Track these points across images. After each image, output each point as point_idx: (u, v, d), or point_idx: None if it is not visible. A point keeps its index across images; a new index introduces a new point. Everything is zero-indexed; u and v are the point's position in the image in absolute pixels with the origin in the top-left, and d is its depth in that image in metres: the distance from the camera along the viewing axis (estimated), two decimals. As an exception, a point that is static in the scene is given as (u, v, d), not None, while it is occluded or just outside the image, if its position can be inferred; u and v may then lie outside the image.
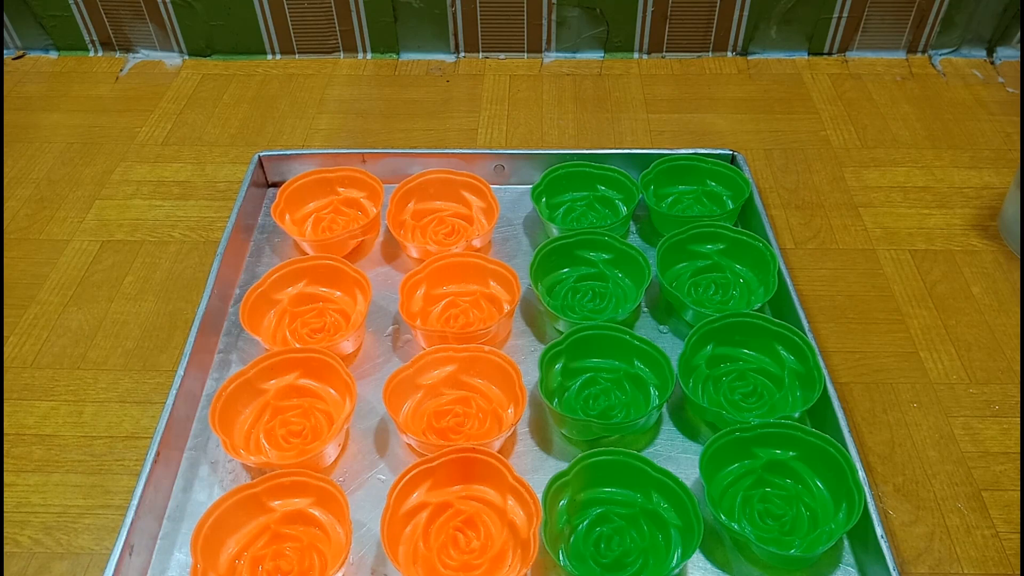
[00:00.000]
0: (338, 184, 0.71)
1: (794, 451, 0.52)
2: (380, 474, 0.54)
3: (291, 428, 0.55)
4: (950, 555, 0.50)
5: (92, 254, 0.71)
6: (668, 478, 0.49)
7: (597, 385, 0.57)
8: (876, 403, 0.59)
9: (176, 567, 0.50)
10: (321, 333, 0.60)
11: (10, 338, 0.64)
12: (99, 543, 0.52)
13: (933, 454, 0.55)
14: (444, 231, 0.68)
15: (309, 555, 0.48)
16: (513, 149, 0.78)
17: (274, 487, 0.50)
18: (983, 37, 0.92)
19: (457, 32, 0.93)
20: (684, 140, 0.82)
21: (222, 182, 0.78)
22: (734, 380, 0.57)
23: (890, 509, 0.53)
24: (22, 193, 0.77)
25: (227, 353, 0.62)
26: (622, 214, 0.69)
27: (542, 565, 0.49)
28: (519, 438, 0.56)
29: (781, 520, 0.49)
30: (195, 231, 0.73)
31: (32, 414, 0.59)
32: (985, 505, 0.53)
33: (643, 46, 0.94)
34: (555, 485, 0.50)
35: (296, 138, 0.83)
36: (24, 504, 0.54)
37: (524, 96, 0.89)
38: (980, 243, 0.70)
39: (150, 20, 0.93)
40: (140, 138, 0.84)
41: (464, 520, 0.49)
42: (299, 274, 0.63)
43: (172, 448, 0.54)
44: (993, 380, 0.60)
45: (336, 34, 0.93)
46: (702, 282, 0.64)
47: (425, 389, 0.57)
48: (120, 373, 0.61)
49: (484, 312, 0.61)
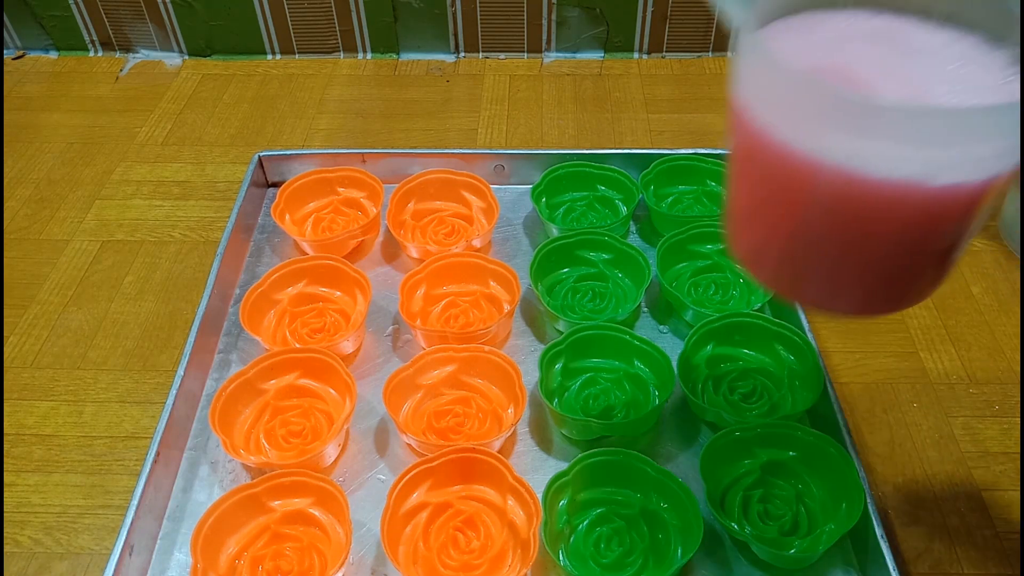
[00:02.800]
0: (338, 184, 0.71)
1: (794, 451, 0.52)
2: (380, 474, 0.54)
3: (291, 428, 0.55)
4: (950, 555, 0.50)
5: (92, 254, 0.71)
6: (668, 478, 0.49)
7: (597, 385, 0.57)
8: (876, 403, 0.59)
9: (176, 567, 0.50)
10: (321, 333, 0.60)
11: (10, 338, 0.64)
12: (99, 543, 0.52)
13: (933, 454, 0.55)
14: (444, 231, 0.68)
15: (309, 555, 0.48)
16: (513, 149, 0.78)
17: (274, 487, 0.50)
18: (983, 37, 0.92)
19: (457, 32, 0.93)
20: (684, 140, 0.82)
21: (222, 182, 0.78)
22: (734, 380, 0.57)
23: (890, 509, 0.53)
24: (22, 193, 0.77)
25: (227, 353, 0.62)
26: (622, 214, 0.69)
27: (542, 565, 0.49)
28: (519, 438, 0.56)
29: (781, 520, 0.49)
30: (195, 231, 0.73)
31: (32, 414, 0.59)
32: (985, 505, 0.53)
33: (643, 46, 0.94)
34: (555, 485, 0.50)
35: (296, 138, 0.83)
36: (24, 504, 0.54)
37: (524, 96, 0.89)
38: (980, 243, 0.70)
39: (150, 20, 0.93)
40: (140, 138, 0.84)
41: (464, 520, 0.49)
42: (299, 274, 0.63)
43: (172, 448, 0.54)
44: (993, 380, 0.60)
45: (336, 34, 0.93)
46: (702, 282, 0.64)
47: (425, 389, 0.57)
48: (120, 373, 0.61)
49: (484, 312, 0.61)
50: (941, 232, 0.34)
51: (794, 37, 0.37)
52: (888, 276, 0.36)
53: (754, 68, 0.34)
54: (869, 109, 0.30)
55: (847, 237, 0.35)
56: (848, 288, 0.37)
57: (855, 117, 0.30)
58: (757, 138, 0.34)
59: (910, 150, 0.31)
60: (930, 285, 0.37)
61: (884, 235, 0.34)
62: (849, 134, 0.31)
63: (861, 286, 0.37)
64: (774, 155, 0.33)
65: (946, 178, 0.31)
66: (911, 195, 0.31)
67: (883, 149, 0.31)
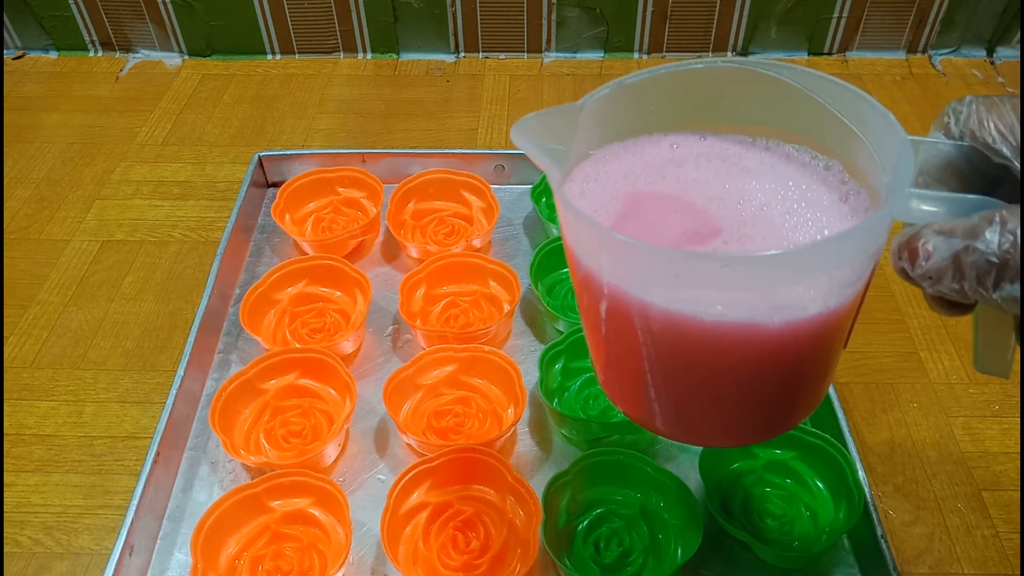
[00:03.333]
0: (338, 184, 0.71)
1: (794, 451, 0.52)
2: (380, 474, 0.54)
3: (291, 428, 0.55)
4: (950, 555, 0.50)
5: (92, 254, 0.71)
6: (668, 478, 0.49)
7: (597, 385, 0.57)
8: (876, 403, 0.59)
9: (176, 567, 0.50)
10: (321, 333, 0.60)
11: (10, 338, 0.64)
12: (99, 543, 0.52)
13: (933, 454, 0.55)
14: (444, 231, 0.68)
15: (309, 555, 0.48)
16: (513, 149, 0.78)
17: (274, 487, 0.50)
18: (983, 37, 0.92)
19: (457, 32, 0.93)
20: (684, 140, 0.82)
21: (222, 182, 0.78)
22: (734, 380, 0.57)
23: (890, 509, 0.53)
24: (22, 193, 0.77)
25: (227, 353, 0.62)
26: (622, 214, 0.69)
27: (542, 565, 0.49)
28: (519, 438, 0.56)
29: (781, 520, 0.49)
30: (195, 231, 0.73)
31: (32, 414, 0.59)
32: (985, 505, 0.53)
33: (643, 46, 0.94)
34: (555, 485, 0.50)
35: (296, 138, 0.83)
36: (24, 504, 0.54)
37: (524, 96, 0.89)
38: (980, 243, 0.70)
39: (150, 20, 0.93)
40: (140, 138, 0.84)
41: (464, 520, 0.49)
42: (299, 274, 0.63)
43: (172, 448, 0.54)
44: (993, 380, 0.60)
45: (336, 34, 0.93)
46: (702, 282, 0.64)
47: (425, 389, 0.57)
48: (120, 373, 0.61)
49: (484, 312, 0.61)
50: (788, 365, 0.32)
51: (629, 158, 0.35)
52: (746, 409, 0.34)
53: (569, 221, 0.31)
54: (676, 261, 0.28)
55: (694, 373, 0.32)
56: (709, 421, 0.35)
57: (663, 270, 0.29)
58: (613, 294, 0.31)
59: (730, 295, 0.28)
60: (793, 414, 0.34)
61: (730, 371, 0.31)
62: (663, 285, 0.29)
63: (721, 420, 0.35)
64: (642, 313, 0.30)
65: (782, 316, 0.29)
66: (749, 333, 0.29)
67: (703, 296, 0.29)
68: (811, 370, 0.33)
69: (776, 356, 0.31)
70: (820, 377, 0.34)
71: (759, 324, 0.29)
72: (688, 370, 0.32)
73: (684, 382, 0.33)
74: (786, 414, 0.34)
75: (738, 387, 0.32)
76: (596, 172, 0.35)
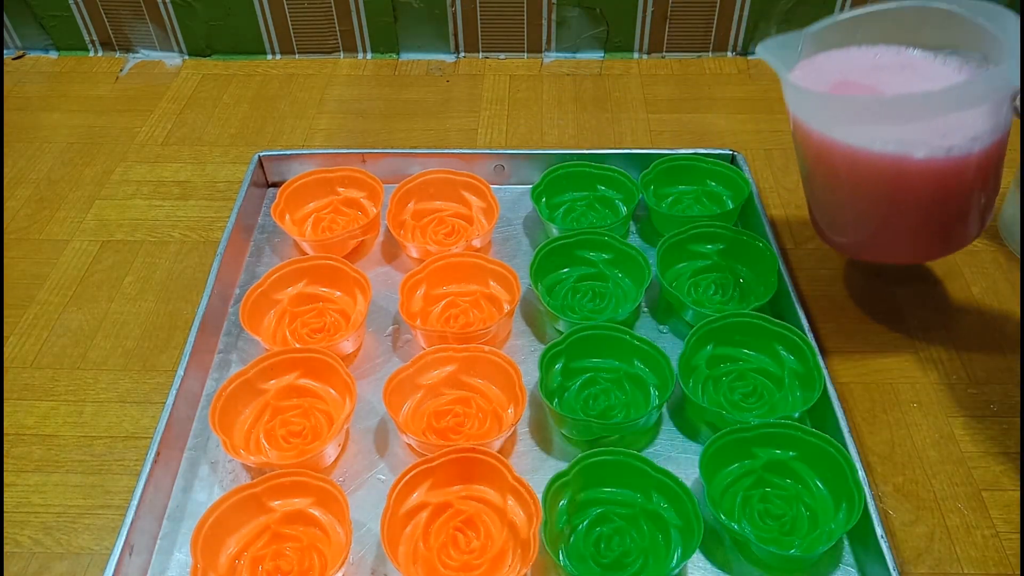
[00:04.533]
0: (338, 184, 0.71)
1: (794, 451, 0.52)
2: (380, 474, 0.54)
3: (291, 428, 0.55)
4: (950, 555, 0.50)
5: (92, 254, 0.71)
6: (668, 478, 0.49)
7: (597, 385, 0.57)
8: (876, 403, 0.59)
9: (176, 567, 0.50)
10: (321, 333, 0.60)
11: (10, 338, 0.64)
12: (99, 543, 0.52)
13: (933, 454, 0.55)
14: (444, 231, 0.68)
15: (309, 555, 0.48)
16: (513, 149, 0.78)
17: (274, 487, 0.50)
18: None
19: (457, 32, 0.93)
20: (684, 140, 0.82)
21: (222, 182, 0.78)
22: (734, 380, 0.57)
23: (890, 509, 0.53)
24: (22, 193, 0.77)
25: (227, 353, 0.62)
26: (622, 214, 0.69)
27: (542, 565, 0.49)
28: (519, 438, 0.56)
29: (781, 520, 0.49)
30: (195, 231, 0.73)
31: (32, 414, 0.59)
32: (985, 505, 0.53)
33: (643, 46, 0.94)
34: (555, 485, 0.50)
35: (296, 138, 0.83)
36: (24, 504, 0.54)
37: (524, 96, 0.89)
38: (980, 243, 0.70)
39: (150, 20, 0.93)
40: (140, 138, 0.84)
41: (464, 520, 0.49)
42: (299, 274, 0.63)
43: (172, 448, 0.54)
44: (993, 380, 0.60)
45: (336, 34, 0.93)
46: (702, 282, 0.64)
47: (425, 389, 0.57)
48: (120, 373, 0.61)
49: (484, 312, 0.62)
50: (960, 191, 0.53)
51: (842, 60, 0.57)
52: (930, 229, 0.56)
53: (793, 96, 0.54)
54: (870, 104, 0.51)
55: (893, 202, 0.53)
56: (904, 242, 0.57)
57: (859, 112, 0.50)
58: (810, 139, 0.54)
59: (899, 131, 0.50)
60: (968, 233, 0.57)
61: (917, 198, 0.53)
62: (863, 123, 0.51)
63: (913, 239, 0.56)
64: (828, 150, 0.53)
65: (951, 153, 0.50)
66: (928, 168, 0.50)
67: (889, 133, 0.50)
68: (975, 199, 0.54)
69: (950, 186, 0.52)
70: (983, 205, 0.55)
71: (937, 159, 0.50)
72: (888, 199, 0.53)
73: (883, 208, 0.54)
74: (960, 235, 0.57)
75: (925, 210, 0.54)
76: (814, 68, 0.57)
